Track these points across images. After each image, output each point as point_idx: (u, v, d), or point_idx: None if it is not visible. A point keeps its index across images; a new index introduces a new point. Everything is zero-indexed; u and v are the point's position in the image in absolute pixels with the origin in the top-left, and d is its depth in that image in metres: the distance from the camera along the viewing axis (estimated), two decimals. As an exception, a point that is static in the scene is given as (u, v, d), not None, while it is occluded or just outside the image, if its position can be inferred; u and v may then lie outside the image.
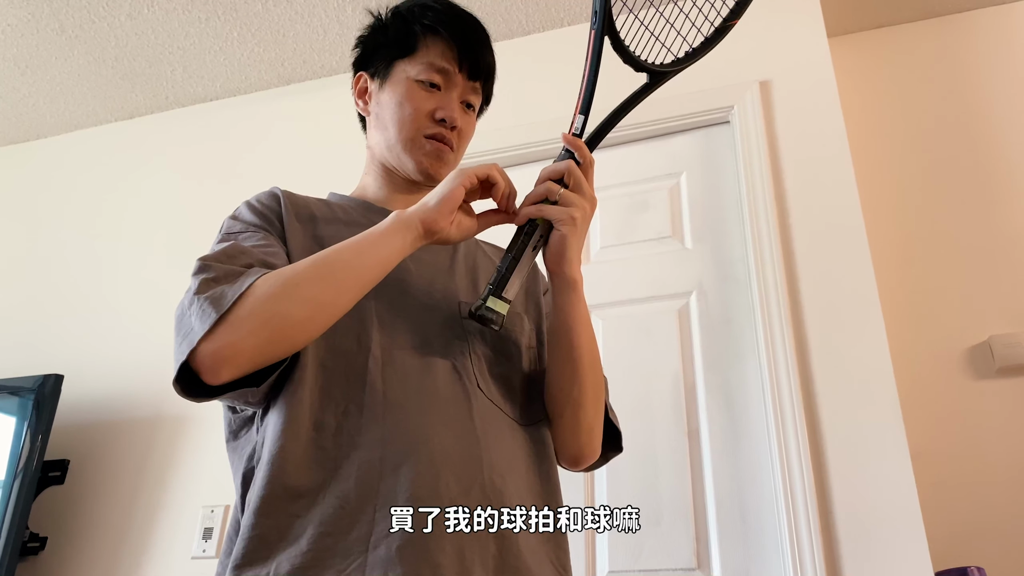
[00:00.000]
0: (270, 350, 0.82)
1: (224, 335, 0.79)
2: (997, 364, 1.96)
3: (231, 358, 0.80)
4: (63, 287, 2.75)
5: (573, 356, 0.99)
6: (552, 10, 2.45)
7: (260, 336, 0.81)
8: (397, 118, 1.07)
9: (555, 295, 0.99)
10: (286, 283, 0.83)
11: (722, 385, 1.94)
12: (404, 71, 1.08)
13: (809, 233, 1.99)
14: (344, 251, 0.87)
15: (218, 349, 0.79)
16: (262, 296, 0.81)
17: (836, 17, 2.40)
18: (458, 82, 1.08)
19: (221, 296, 0.81)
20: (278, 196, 1.04)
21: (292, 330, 0.83)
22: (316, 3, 2.45)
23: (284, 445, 0.83)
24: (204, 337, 0.79)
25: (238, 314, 0.80)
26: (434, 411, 0.89)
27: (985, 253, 2.11)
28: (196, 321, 0.81)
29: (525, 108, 2.39)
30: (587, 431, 1.03)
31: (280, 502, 0.81)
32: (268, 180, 2.59)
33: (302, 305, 0.83)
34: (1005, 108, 2.27)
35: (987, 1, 2.39)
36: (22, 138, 3.12)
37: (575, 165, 0.95)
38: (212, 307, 0.80)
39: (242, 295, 0.81)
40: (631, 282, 2.13)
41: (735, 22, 1.09)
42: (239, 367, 0.81)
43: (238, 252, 0.90)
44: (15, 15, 2.49)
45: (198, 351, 0.79)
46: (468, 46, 1.08)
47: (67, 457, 2.33)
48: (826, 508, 1.71)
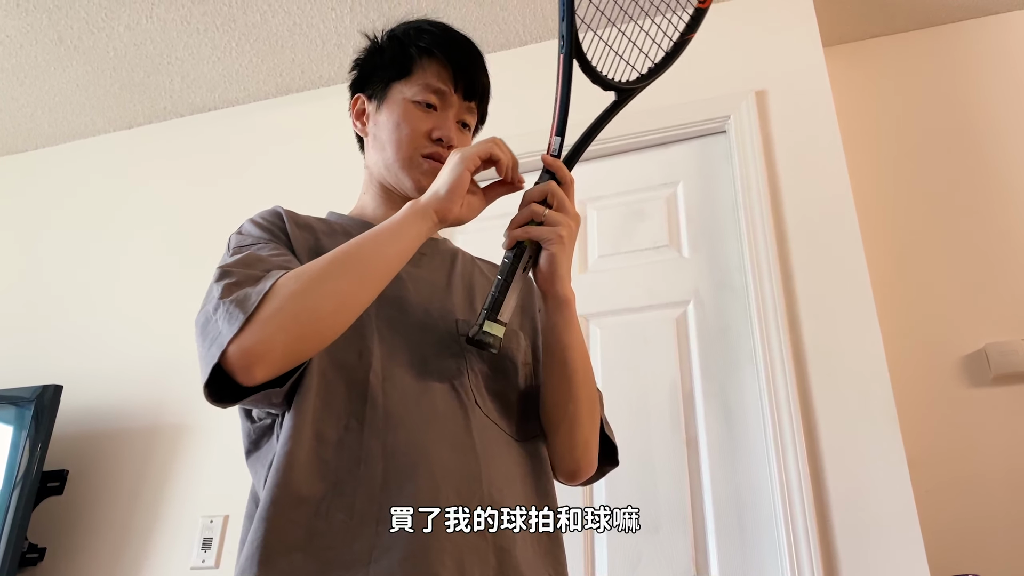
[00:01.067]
0: (301, 346, 0.83)
1: (255, 334, 0.79)
2: (993, 372, 1.97)
3: (264, 355, 0.80)
4: (62, 297, 2.75)
5: (567, 372, 1.01)
6: (550, 20, 2.47)
7: (291, 332, 0.81)
8: (395, 138, 1.08)
9: (548, 314, 1.00)
10: (311, 278, 0.84)
11: (719, 393, 1.95)
12: (401, 92, 1.09)
13: (805, 241, 2.00)
14: (364, 243, 0.89)
15: (251, 347, 0.79)
16: (288, 293, 0.82)
17: (831, 27, 2.42)
18: (454, 102, 1.10)
19: (246, 298, 0.82)
20: (280, 213, 1.06)
21: (321, 324, 0.84)
22: (314, 14, 2.46)
23: (291, 450, 0.84)
24: (234, 338, 0.79)
25: (266, 312, 0.80)
26: (433, 427, 0.90)
27: (981, 261, 2.12)
28: (224, 324, 0.81)
29: (528, 117, 2.40)
30: (583, 446, 1.05)
31: (285, 508, 0.81)
32: (267, 189, 2.62)
33: (328, 298, 0.84)
34: (1000, 117, 2.28)
35: (981, 11, 2.41)
36: (21, 148, 3.12)
37: (556, 185, 0.97)
38: (239, 308, 0.81)
39: (267, 294, 0.81)
40: (628, 291, 2.14)
41: (692, 36, 1.14)
42: (273, 364, 0.81)
43: (255, 260, 0.91)
44: (14, 26, 2.50)
45: (229, 352, 0.79)
46: (463, 67, 1.10)
47: (66, 467, 2.32)
48: (824, 515, 1.71)
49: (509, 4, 2.41)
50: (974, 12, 2.42)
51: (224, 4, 2.42)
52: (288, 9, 2.44)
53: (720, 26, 2.30)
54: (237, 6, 2.43)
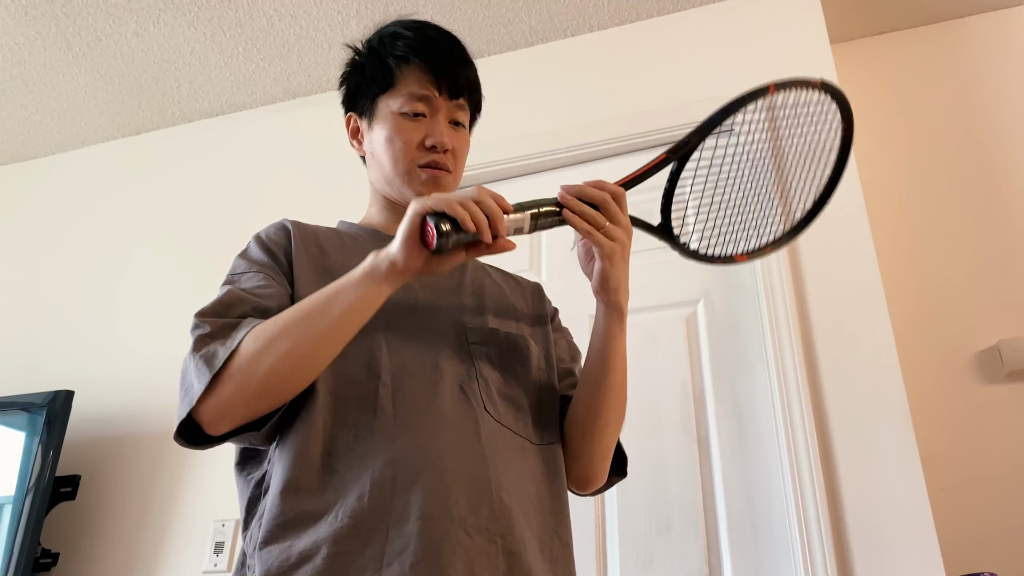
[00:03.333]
0: (258, 403, 0.86)
1: (219, 392, 0.85)
2: (1006, 368, 1.96)
3: (226, 413, 0.86)
4: (73, 303, 2.76)
5: (608, 381, 1.02)
6: (556, 21, 2.46)
7: (247, 391, 0.85)
8: (390, 154, 1.07)
9: (601, 320, 1.02)
10: (269, 339, 0.86)
11: (730, 392, 1.94)
12: (387, 106, 1.08)
13: (815, 238, 1.99)
14: (319, 300, 0.88)
15: (215, 405, 0.85)
16: (248, 354, 0.85)
17: (838, 23, 2.41)
18: (441, 105, 1.08)
19: (214, 355, 0.86)
20: (288, 229, 1.05)
21: (277, 384, 0.86)
22: (320, 18, 2.46)
23: (296, 475, 0.86)
24: (203, 396, 0.84)
25: (229, 372, 0.85)
26: (443, 433, 0.90)
27: (992, 257, 2.11)
28: (195, 380, 0.86)
29: (534, 118, 2.40)
30: (602, 456, 1.06)
31: (290, 529, 0.83)
32: (275, 193, 2.62)
33: (283, 360, 0.85)
34: (1010, 112, 2.27)
35: (989, 6, 2.40)
36: (30, 155, 3.14)
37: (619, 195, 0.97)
38: (206, 366, 0.85)
39: (233, 353, 0.85)
40: (638, 290, 2.12)
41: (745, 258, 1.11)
42: (233, 421, 0.86)
43: (235, 300, 0.93)
44: (22, 33, 2.51)
45: (199, 409, 0.85)
46: (443, 67, 1.08)
47: (78, 472, 2.33)
48: (837, 514, 1.71)
49: (515, 5, 2.41)
50: (982, 7, 2.40)
51: (231, 9, 2.43)
52: (295, 14, 2.44)
53: (727, 24, 2.30)
54: (244, 11, 2.43)
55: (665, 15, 2.41)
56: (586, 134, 2.29)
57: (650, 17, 2.45)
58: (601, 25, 2.49)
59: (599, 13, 2.44)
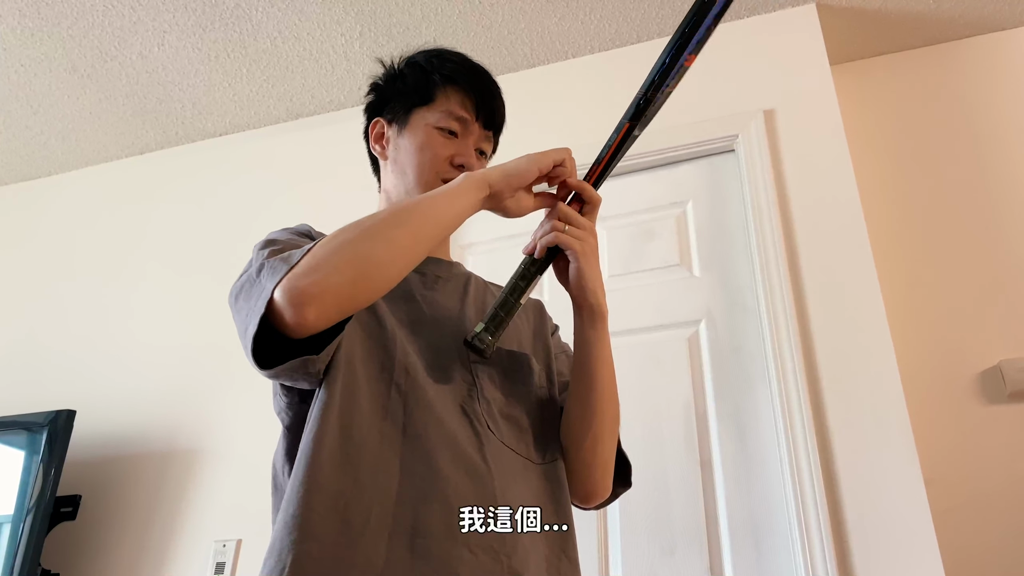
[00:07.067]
0: (353, 290, 0.82)
1: (307, 275, 0.79)
2: (1008, 389, 1.95)
3: (317, 296, 0.79)
4: (75, 323, 2.76)
5: (595, 387, 1.02)
6: (557, 43, 2.48)
7: (345, 274, 0.81)
8: (416, 162, 1.10)
9: (581, 327, 1.02)
10: (367, 227, 0.86)
11: (733, 413, 1.94)
12: (423, 118, 1.12)
13: (816, 259, 1.99)
14: (420, 202, 0.92)
15: (303, 287, 0.79)
16: (343, 239, 0.84)
17: (838, 45, 2.42)
18: (474, 130, 1.13)
19: (289, 256, 0.83)
20: (309, 227, 1.07)
21: (376, 270, 0.84)
22: (324, 40, 2.49)
23: (318, 436, 0.85)
24: (283, 278, 0.80)
25: (319, 255, 0.81)
26: (449, 450, 0.90)
27: (994, 277, 2.11)
28: (267, 278, 0.82)
29: (534, 140, 2.41)
30: (602, 466, 1.06)
31: (312, 491, 0.82)
32: (278, 213, 2.63)
33: (384, 245, 0.85)
34: (1008, 132, 2.28)
35: (986, 28, 2.42)
36: (34, 175, 3.16)
37: (562, 204, 1.03)
38: (283, 263, 0.82)
39: (318, 244, 0.83)
40: (640, 311, 2.14)
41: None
42: (325, 306, 0.80)
43: (295, 243, 0.92)
44: (28, 55, 2.53)
45: (277, 295, 0.79)
46: (484, 97, 1.14)
47: (79, 492, 2.32)
48: (840, 535, 1.70)
49: (516, 28, 2.43)
50: (980, 29, 2.42)
51: (234, 31, 2.45)
52: (298, 35, 2.47)
53: (728, 46, 2.31)
54: (247, 33, 2.46)
55: (664, 37, 2.43)
56: (580, 155, 2.29)
57: (650, 39, 2.47)
58: (603, 47, 2.51)
59: (600, 35, 2.46)
